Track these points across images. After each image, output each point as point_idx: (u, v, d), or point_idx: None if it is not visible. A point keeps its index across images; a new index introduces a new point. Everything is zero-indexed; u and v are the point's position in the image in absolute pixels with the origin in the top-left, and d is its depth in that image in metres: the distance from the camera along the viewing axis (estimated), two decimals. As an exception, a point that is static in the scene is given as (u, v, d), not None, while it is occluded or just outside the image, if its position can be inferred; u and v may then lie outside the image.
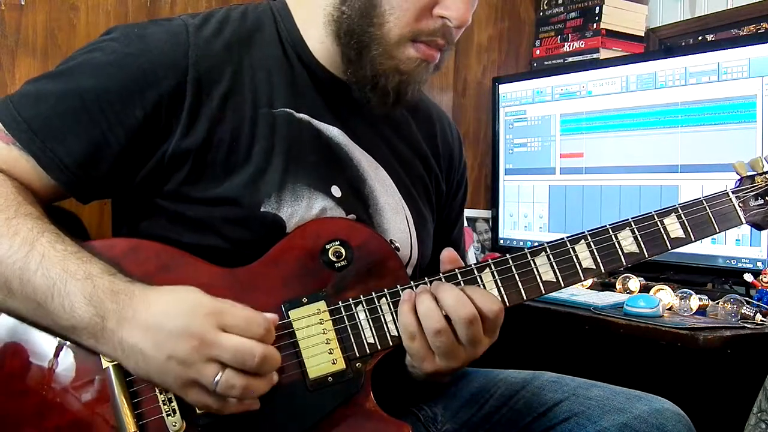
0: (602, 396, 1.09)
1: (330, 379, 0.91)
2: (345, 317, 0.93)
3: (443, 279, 0.94)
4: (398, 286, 0.94)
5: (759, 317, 1.36)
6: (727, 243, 1.62)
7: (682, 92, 1.70)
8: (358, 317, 0.93)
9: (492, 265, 0.95)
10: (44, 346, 0.88)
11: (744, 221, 1.00)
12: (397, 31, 0.97)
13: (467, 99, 2.25)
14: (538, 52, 2.30)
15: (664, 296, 1.47)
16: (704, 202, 0.99)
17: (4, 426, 0.86)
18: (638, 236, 0.97)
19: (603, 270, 0.96)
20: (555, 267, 0.96)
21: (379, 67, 0.99)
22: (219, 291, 0.89)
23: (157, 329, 0.81)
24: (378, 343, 0.93)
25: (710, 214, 0.99)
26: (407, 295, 0.91)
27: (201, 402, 0.83)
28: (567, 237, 0.97)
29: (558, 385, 1.13)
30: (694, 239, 0.99)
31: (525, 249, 0.97)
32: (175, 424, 0.86)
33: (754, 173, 1.02)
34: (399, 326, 0.91)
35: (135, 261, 0.91)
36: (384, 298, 0.93)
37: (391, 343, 0.93)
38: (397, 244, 1.07)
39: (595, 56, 2.10)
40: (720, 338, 1.25)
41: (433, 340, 0.89)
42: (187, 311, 0.82)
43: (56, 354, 0.88)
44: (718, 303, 1.41)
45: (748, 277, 1.51)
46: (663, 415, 1.03)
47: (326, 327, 0.92)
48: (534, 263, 0.95)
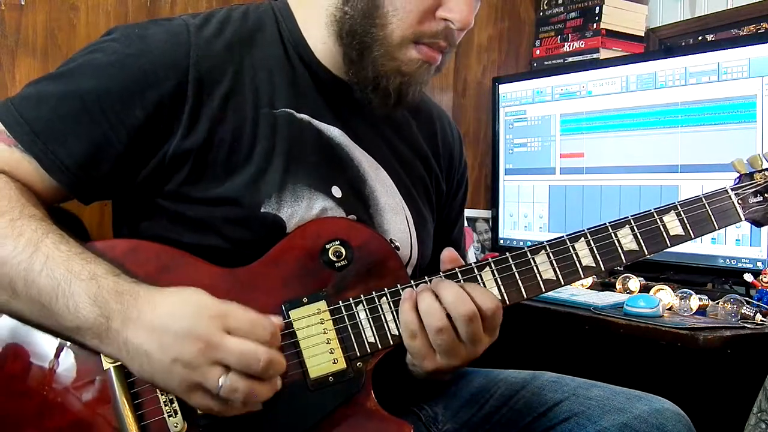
0: (602, 396, 1.09)
1: (331, 379, 0.91)
2: (345, 317, 0.93)
3: (443, 278, 0.94)
4: (398, 286, 0.94)
5: (759, 317, 1.36)
6: (727, 243, 1.62)
7: (682, 92, 1.70)
8: (359, 317, 0.93)
9: (492, 264, 0.95)
10: (45, 347, 0.88)
11: (743, 218, 1.00)
12: (400, 33, 0.97)
13: (467, 99, 2.25)
14: (538, 52, 2.30)
15: (664, 296, 1.47)
16: (703, 200, 0.99)
17: (5, 427, 0.86)
18: (638, 234, 0.97)
19: (603, 268, 0.97)
20: (555, 265, 0.96)
21: (381, 68, 0.99)
22: (219, 291, 0.88)
23: (163, 331, 0.81)
24: (378, 343, 0.93)
25: (709, 212, 0.99)
26: (408, 294, 0.91)
27: (204, 405, 0.83)
28: (567, 235, 0.97)
29: (558, 385, 1.13)
30: (694, 236, 0.99)
31: (525, 247, 0.97)
32: (177, 425, 0.86)
33: (753, 170, 1.02)
34: (400, 325, 0.91)
35: (135, 262, 0.91)
36: (384, 298, 0.94)
37: (392, 342, 0.93)
38: (397, 244, 1.07)
39: (595, 56, 2.10)
40: (720, 338, 1.25)
41: (435, 338, 0.89)
42: (193, 313, 0.81)
43: (57, 355, 0.88)
44: (718, 303, 1.41)
45: (748, 277, 1.51)
46: (663, 415, 1.03)
47: (327, 327, 0.92)
48: (534, 261, 0.95)
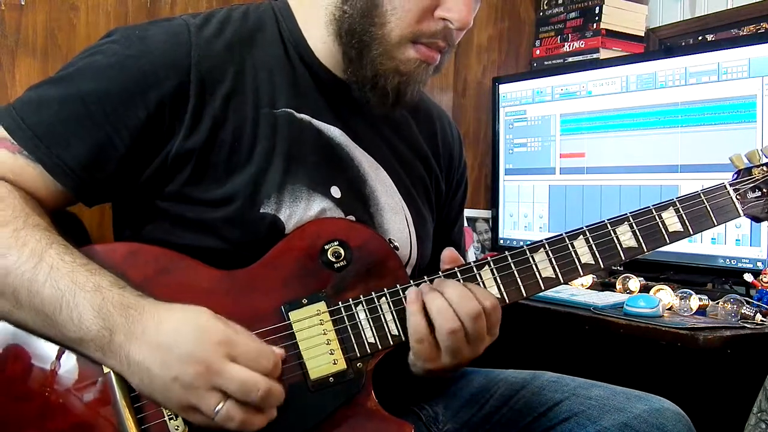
0: (602, 396, 1.09)
1: (331, 380, 0.91)
2: (345, 317, 0.93)
3: (442, 277, 0.94)
4: (398, 286, 0.94)
5: (759, 317, 1.36)
6: (728, 243, 1.62)
7: (682, 92, 1.70)
8: (359, 317, 0.93)
9: (491, 263, 0.95)
10: (46, 350, 0.88)
11: (742, 214, 1.00)
12: (398, 32, 0.97)
13: (467, 99, 2.25)
14: (538, 52, 2.30)
15: (664, 296, 1.47)
16: (702, 196, 0.99)
17: (7, 429, 0.86)
18: (636, 231, 0.97)
19: (602, 265, 0.97)
20: (554, 263, 0.96)
21: (380, 67, 0.99)
22: (218, 294, 0.89)
23: (166, 349, 0.81)
24: (378, 343, 0.93)
25: (708, 208, 0.99)
26: (414, 297, 0.91)
27: (201, 423, 0.83)
28: (566, 233, 0.97)
29: (558, 385, 1.13)
30: (693, 233, 0.99)
31: (524, 246, 0.97)
32: (177, 428, 0.85)
33: (751, 165, 1.02)
34: (408, 328, 0.91)
35: (135, 265, 0.91)
36: (384, 298, 0.94)
37: (392, 343, 0.93)
38: (396, 244, 1.07)
39: (595, 56, 2.10)
40: (720, 338, 1.25)
41: (445, 339, 0.89)
42: (198, 335, 0.81)
43: (58, 357, 0.87)
44: (718, 303, 1.41)
45: (748, 277, 1.51)
46: (663, 415, 1.03)
47: (326, 327, 0.92)
48: (533, 260, 0.96)
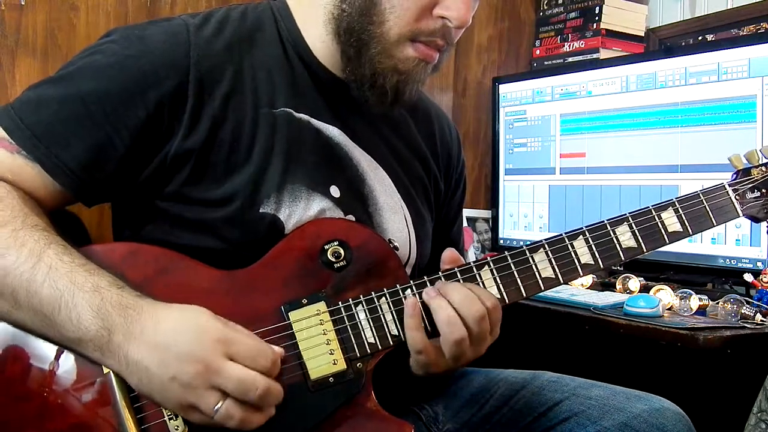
0: (602, 396, 1.09)
1: (331, 380, 0.91)
2: (345, 317, 0.93)
3: (443, 278, 0.95)
4: (398, 286, 0.94)
5: (759, 317, 1.36)
6: (727, 243, 1.62)
7: (682, 92, 1.70)
8: (358, 317, 0.93)
9: (491, 263, 0.95)
10: (45, 351, 0.88)
11: (741, 214, 1.00)
12: (397, 30, 0.97)
13: (467, 99, 2.25)
14: (538, 52, 2.30)
15: (664, 296, 1.47)
16: (701, 196, 0.99)
17: (6, 430, 0.86)
18: (636, 231, 0.97)
19: (601, 265, 0.97)
20: (554, 263, 0.96)
21: (378, 66, 0.99)
22: (218, 294, 0.89)
23: (165, 349, 0.81)
24: (378, 343, 0.93)
25: (707, 208, 0.99)
26: (411, 310, 0.91)
27: (200, 422, 0.83)
28: (565, 233, 0.97)
29: (558, 385, 1.13)
30: (692, 233, 0.99)
31: (523, 246, 0.97)
32: (177, 428, 0.85)
33: (750, 166, 1.02)
34: (407, 342, 0.91)
35: (134, 265, 0.91)
36: (384, 298, 0.94)
37: (392, 343, 0.93)
38: (396, 244, 1.07)
39: (595, 56, 2.10)
40: (720, 338, 1.25)
41: (452, 348, 0.90)
42: (197, 334, 0.81)
43: (57, 357, 0.87)
44: (718, 303, 1.41)
45: (748, 277, 1.51)
46: (663, 415, 1.03)
47: (326, 328, 0.92)
48: (533, 260, 0.96)
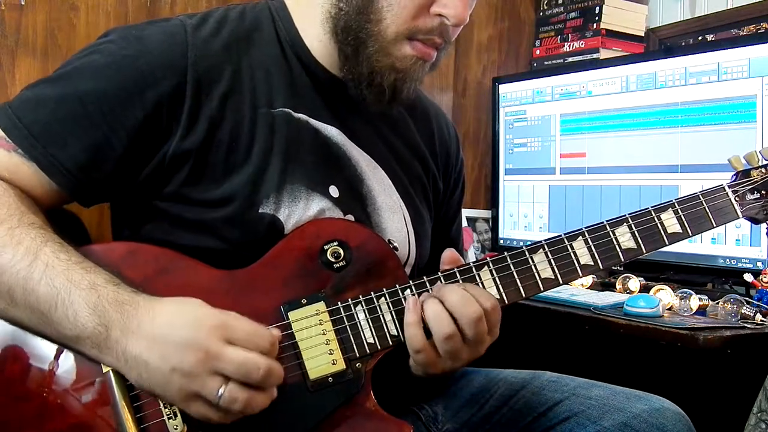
0: (602, 396, 1.09)
1: (330, 380, 0.91)
2: (344, 318, 0.93)
3: (442, 278, 0.95)
4: (397, 286, 0.94)
5: (759, 317, 1.36)
6: (727, 243, 1.62)
7: (682, 92, 1.70)
8: (358, 317, 0.93)
9: (490, 263, 0.95)
10: (44, 351, 0.88)
11: (740, 215, 1.00)
12: (394, 29, 0.97)
13: (467, 99, 2.25)
14: (538, 52, 2.30)
15: (664, 296, 1.47)
16: (701, 197, 0.99)
17: (6, 430, 0.86)
18: (635, 232, 0.97)
19: (601, 266, 0.97)
20: (553, 264, 0.96)
21: (376, 64, 0.99)
22: (218, 294, 0.89)
23: (163, 341, 0.81)
24: (378, 343, 0.93)
25: (707, 209, 0.99)
26: (411, 306, 0.91)
27: (202, 414, 0.83)
28: (565, 234, 0.97)
29: (558, 385, 1.13)
30: (691, 234, 0.99)
31: (523, 247, 0.97)
32: (177, 427, 0.85)
33: (750, 167, 1.03)
34: (406, 340, 0.91)
35: (134, 264, 0.91)
36: (383, 298, 0.94)
37: (391, 343, 0.93)
38: (395, 244, 1.07)
39: (595, 56, 2.10)
40: (720, 338, 1.25)
41: (443, 345, 0.90)
42: (193, 323, 0.81)
43: (57, 357, 0.87)
44: (718, 303, 1.41)
45: (748, 277, 1.50)
46: (663, 415, 1.03)
47: (326, 328, 0.92)
48: (532, 261, 0.96)
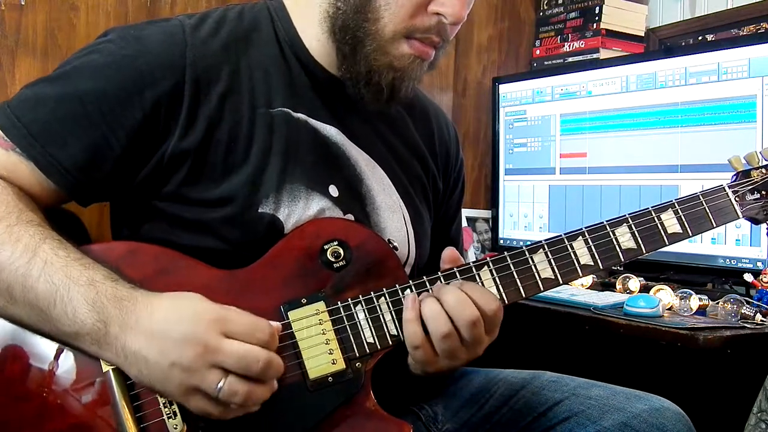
0: (602, 395, 1.08)
1: (330, 380, 0.91)
2: (344, 317, 0.93)
3: (442, 278, 0.95)
4: (397, 286, 0.94)
5: (759, 317, 1.36)
6: (727, 243, 1.62)
7: (682, 92, 1.70)
8: (358, 317, 0.93)
9: (490, 263, 0.95)
10: (44, 350, 0.88)
11: (741, 216, 1.00)
12: (392, 27, 0.97)
13: (467, 99, 2.25)
14: (538, 52, 2.30)
15: (664, 296, 1.47)
16: (701, 197, 0.99)
17: (5, 430, 0.86)
18: (635, 232, 0.97)
19: (601, 266, 0.97)
20: (553, 264, 0.96)
21: (373, 63, 0.99)
22: (218, 293, 0.88)
23: (161, 336, 0.81)
24: (377, 343, 0.93)
25: (707, 209, 0.99)
26: (410, 304, 0.91)
27: (202, 409, 0.83)
28: (564, 234, 0.97)
29: (558, 385, 1.13)
30: (692, 234, 0.99)
31: (523, 246, 0.97)
32: (176, 427, 0.85)
33: (750, 168, 1.03)
34: (404, 336, 0.91)
35: (133, 264, 0.91)
36: (383, 298, 0.94)
37: (391, 343, 0.93)
38: (395, 243, 1.07)
39: (595, 56, 2.10)
40: (720, 338, 1.24)
41: (440, 344, 0.90)
42: (191, 317, 0.81)
43: (56, 357, 0.87)
44: (718, 303, 1.41)
45: (748, 277, 1.50)
46: (663, 415, 1.03)
47: (325, 327, 0.92)
48: (532, 260, 0.96)
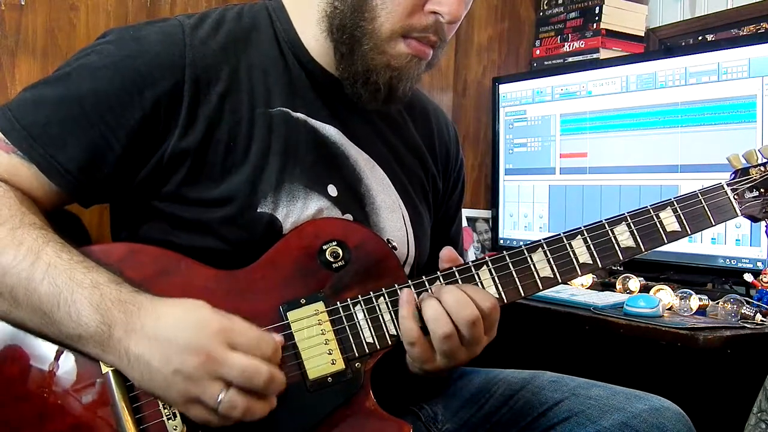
0: (602, 395, 1.08)
1: (329, 380, 0.91)
2: (343, 317, 0.93)
3: (441, 277, 0.95)
4: (396, 286, 0.94)
5: (759, 317, 1.36)
6: (727, 243, 1.61)
7: (682, 92, 1.70)
8: (357, 317, 0.93)
9: (489, 263, 0.96)
10: (45, 351, 0.88)
11: (739, 213, 1.00)
12: (389, 26, 0.97)
13: (467, 99, 2.25)
14: (538, 52, 2.30)
15: (664, 296, 1.47)
16: (699, 196, 1.00)
17: (6, 430, 0.86)
18: (634, 230, 0.97)
19: (600, 265, 0.97)
20: (552, 263, 0.96)
21: (371, 62, 0.99)
22: (218, 294, 0.89)
23: (166, 343, 0.81)
24: (377, 343, 0.93)
25: (706, 207, 0.99)
26: (405, 300, 0.91)
27: (202, 419, 0.82)
28: (563, 233, 0.97)
29: (558, 385, 1.13)
30: (690, 232, 0.99)
31: (522, 245, 0.97)
32: (176, 428, 0.85)
33: (749, 165, 1.03)
34: (400, 332, 0.92)
35: (133, 265, 0.91)
36: (382, 298, 0.94)
37: (390, 343, 0.93)
38: (394, 243, 1.07)
39: (595, 56, 2.10)
40: (720, 338, 1.24)
41: (440, 344, 0.89)
42: (196, 326, 0.81)
43: (56, 358, 0.87)
44: (718, 303, 1.41)
45: (748, 277, 1.50)
46: (663, 415, 1.03)
47: (325, 328, 0.92)
48: (531, 260, 0.96)
